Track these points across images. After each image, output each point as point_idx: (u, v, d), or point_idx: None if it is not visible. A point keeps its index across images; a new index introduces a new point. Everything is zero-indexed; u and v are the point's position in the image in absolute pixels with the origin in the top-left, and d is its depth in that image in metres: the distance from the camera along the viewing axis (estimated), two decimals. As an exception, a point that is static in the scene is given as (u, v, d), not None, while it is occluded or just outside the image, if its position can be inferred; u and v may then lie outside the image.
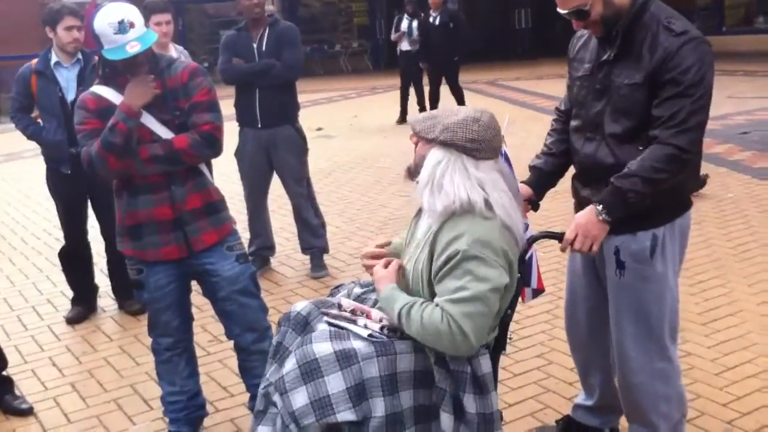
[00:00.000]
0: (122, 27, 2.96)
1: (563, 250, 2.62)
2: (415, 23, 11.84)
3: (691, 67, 2.41)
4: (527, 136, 9.34)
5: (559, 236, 2.62)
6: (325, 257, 5.52)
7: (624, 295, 2.67)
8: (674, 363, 2.74)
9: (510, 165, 2.72)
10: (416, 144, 2.51)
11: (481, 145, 2.40)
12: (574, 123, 2.77)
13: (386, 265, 2.53)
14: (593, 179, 2.63)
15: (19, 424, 3.65)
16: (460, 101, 11.28)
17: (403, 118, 11.77)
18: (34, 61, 4.69)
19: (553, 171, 2.90)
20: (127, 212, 3.18)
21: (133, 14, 3.01)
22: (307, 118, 5.49)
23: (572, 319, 3.01)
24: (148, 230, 3.15)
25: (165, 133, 3.12)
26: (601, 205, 2.50)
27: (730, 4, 18.88)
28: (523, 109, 12.27)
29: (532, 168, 2.93)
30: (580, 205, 2.72)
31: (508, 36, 21.92)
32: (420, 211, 2.61)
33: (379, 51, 22.87)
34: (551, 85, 14.61)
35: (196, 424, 3.42)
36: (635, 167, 2.45)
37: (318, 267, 5.43)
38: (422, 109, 11.80)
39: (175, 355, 3.33)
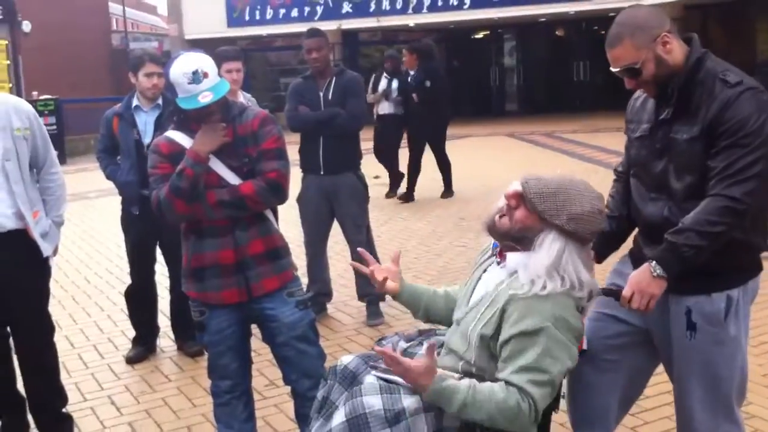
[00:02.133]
0: (196, 77, 3.04)
1: (623, 306, 2.57)
2: (395, 83, 10.18)
3: (747, 117, 2.36)
4: (586, 189, 9.25)
5: (616, 293, 2.58)
6: (381, 305, 5.52)
7: (693, 357, 2.58)
8: (740, 426, 2.65)
9: None
10: (516, 206, 2.45)
11: (596, 236, 2.46)
12: (636, 184, 2.71)
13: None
14: (659, 239, 2.55)
15: (77, 461, 3.69)
16: (446, 174, 10.13)
17: (393, 191, 10.37)
18: (119, 105, 4.88)
19: (616, 234, 2.85)
20: (193, 255, 3.23)
21: (208, 65, 3.09)
22: (364, 166, 5.54)
23: (582, 367, 2.80)
24: (211, 273, 3.19)
25: (233, 179, 3.16)
26: (654, 262, 2.46)
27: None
28: (581, 162, 12.19)
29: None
30: (640, 260, 2.66)
31: (567, 88, 21.94)
32: (480, 265, 2.61)
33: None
34: (608, 138, 14.50)
35: None
36: (689, 221, 2.41)
37: (374, 314, 5.43)
38: (394, 182, 10.44)
39: (234, 398, 3.34)
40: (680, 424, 2.72)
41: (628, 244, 2.85)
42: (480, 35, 23.78)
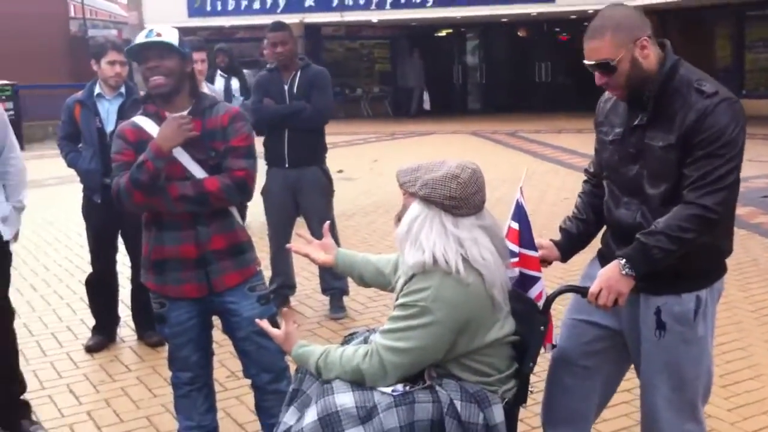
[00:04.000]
0: (150, 33, 3.08)
1: (589, 302, 2.61)
2: (236, 82, 8.29)
3: (724, 128, 2.41)
4: (546, 188, 9.37)
5: (583, 291, 2.62)
6: (345, 299, 5.53)
7: (661, 356, 2.63)
8: (703, 425, 2.72)
9: (526, 216, 2.74)
10: (404, 193, 2.54)
11: (459, 202, 2.43)
12: (608, 188, 2.74)
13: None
14: (629, 241, 2.58)
15: (35, 450, 3.65)
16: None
17: None
18: (81, 92, 4.82)
19: (582, 235, 2.90)
20: (154, 247, 3.19)
21: (166, 30, 3.11)
22: (328, 161, 5.55)
23: (559, 368, 2.92)
24: (171, 266, 3.16)
25: (198, 171, 3.13)
26: (624, 260, 2.49)
27: (750, 68, 19.01)
28: (543, 162, 12.33)
29: (562, 230, 2.94)
30: (607, 258, 2.70)
31: (529, 88, 22.13)
32: None
33: (399, 97, 23.12)
34: (570, 139, 14.71)
35: None
36: (662, 225, 2.45)
37: (337, 308, 5.45)
38: None
39: (194, 390, 3.33)
40: (645, 423, 2.77)
41: (595, 245, 2.90)
42: (443, 33, 23.86)
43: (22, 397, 3.85)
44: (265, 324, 2.73)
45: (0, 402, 3.76)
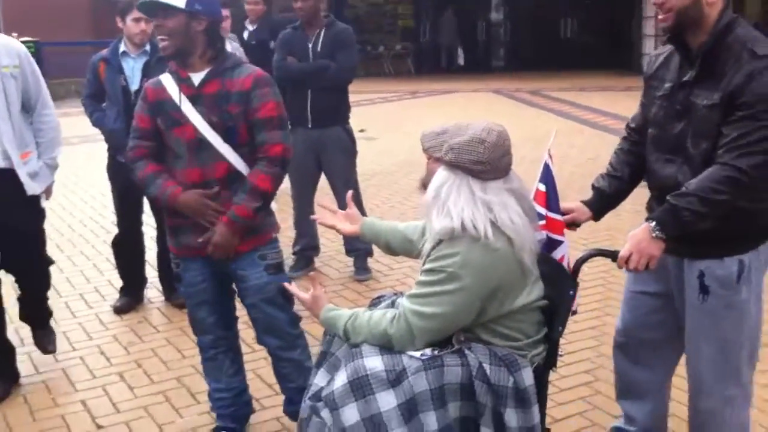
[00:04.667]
0: None
1: (620, 267, 2.60)
2: (232, 43, 6.67)
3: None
4: (569, 149, 9.28)
5: (613, 254, 2.60)
6: (369, 260, 5.54)
7: (704, 320, 2.63)
8: (747, 391, 2.72)
9: (553, 179, 2.73)
10: (428, 158, 2.51)
11: (486, 167, 2.39)
12: (652, 144, 2.71)
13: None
14: None
15: (66, 411, 3.71)
16: None
17: None
18: (106, 49, 4.81)
19: (616, 193, 2.88)
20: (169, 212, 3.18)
21: None
22: (350, 120, 5.50)
23: (626, 342, 2.98)
24: (185, 229, 3.12)
25: (210, 133, 3.00)
26: (654, 222, 2.47)
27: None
28: (567, 120, 12.20)
29: (595, 189, 2.91)
30: None
31: (554, 46, 21.83)
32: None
33: (422, 55, 22.89)
34: (594, 98, 14.54)
35: (243, 421, 3.44)
36: (693, 186, 2.42)
37: (362, 270, 5.45)
38: None
39: (220, 353, 3.34)
40: (690, 388, 2.78)
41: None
42: (468, -12, 23.53)
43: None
44: (293, 288, 2.72)
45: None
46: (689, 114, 2.53)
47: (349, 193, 3.05)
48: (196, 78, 3.04)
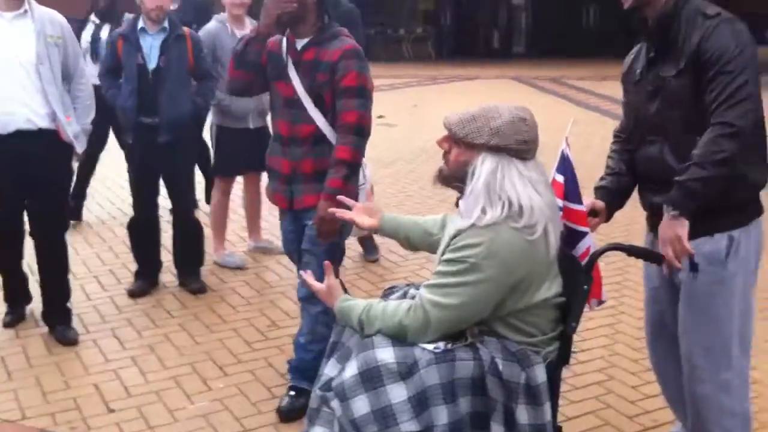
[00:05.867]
0: None
1: (670, 267, 2.57)
2: (106, 30, 5.94)
3: (726, 45, 2.43)
4: (591, 138, 9.21)
5: (626, 249, 2.61)
6: (382, 251, 5.53)
7: (694, 300, 2.63)
8: (743, 375, 2.69)
9: (572, 169, 2.69)
10: (449, 149, 2.45)
11: (530, 145, 2.37)
12: (633, 132, 2.77)
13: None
14: (662, 183, 2.57)
15: (79, 393, 3.72)
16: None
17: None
18: (124, 25, 4.85)
19: (619, 189, 2.87)
20: (267, 155, 3.52)
21: None
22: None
23: (657, 342, 2.97)
24: (273, 175, 3.50)
25: (304, 97, 3.28)
26: (666, 205, 2.49)
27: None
28: (588, 111, 12.10)
29: (598, 189, 2.90)
30: (653, 215, 2.69)
31: (576, 33, 21.60)
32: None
33: (443, 39, 22.72)
34: (616, 87, 14.24)
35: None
36: (693, 159, 2.44)
37: (371, 249, 5.50)
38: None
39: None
40: (684, 373, 2.76)
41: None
42: (489, -28, 23.30)
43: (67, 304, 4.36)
44: (308, 277, 2.70)
45: (52, 309, 4.32)
46: (661, 91, 2.60)
47: (369, 186, 3.03)
48: (299, 44, 3.32)
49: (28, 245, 4.39)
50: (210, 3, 5.48)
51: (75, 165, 4.26)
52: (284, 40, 3.37)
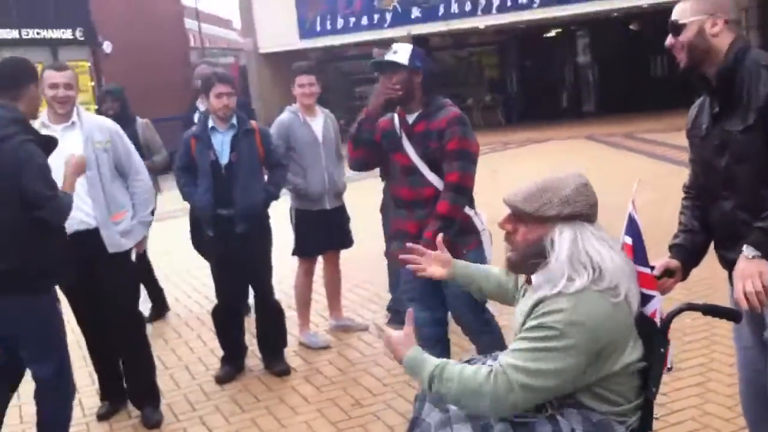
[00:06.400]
0: (389, 50, 3.84)
1: (740, 303, 2.50)
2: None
3: None
4: (669, 191, 8.99)
5: (702, 308, 2.52)
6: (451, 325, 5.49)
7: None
8: None
9: (639, 231, 2.61)
10: (514, 229, 2.41)
11: (596, 208, 2.38)
12: (705, 188, 2.75)
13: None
14: (737, 238, 2.53)
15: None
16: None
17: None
18: (196, 126, 5.03)
19: (694, 247, 2.82)
20: (392, 220, 4.03)
21: (401, 48, 3.81)
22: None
23: (754, 402, 2.88)
24: (400, 237, 3.80)
25: (418, 162, 3.75)
26: (747, 246, 2.46)
27: None
28: (663, 163, 11.92)
29: (672, 247, 2.86)
30: (732, 272, 2.60)
31: (645, 85, 21.42)
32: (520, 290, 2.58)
33: (511, 104, 22.87)
34: (692, 137, 14.13)
35: None
36: None
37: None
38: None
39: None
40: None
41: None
42: (552, 33, 23.47)
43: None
44: (384, 326, 2.72)
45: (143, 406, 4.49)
46: (728, 145, 2.59)
47: (440, 235, 3.03)
48: (410, 118, 3.82)
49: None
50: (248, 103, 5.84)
51: (133, 256, 4.43)
52: (395, 117, 3.84)
